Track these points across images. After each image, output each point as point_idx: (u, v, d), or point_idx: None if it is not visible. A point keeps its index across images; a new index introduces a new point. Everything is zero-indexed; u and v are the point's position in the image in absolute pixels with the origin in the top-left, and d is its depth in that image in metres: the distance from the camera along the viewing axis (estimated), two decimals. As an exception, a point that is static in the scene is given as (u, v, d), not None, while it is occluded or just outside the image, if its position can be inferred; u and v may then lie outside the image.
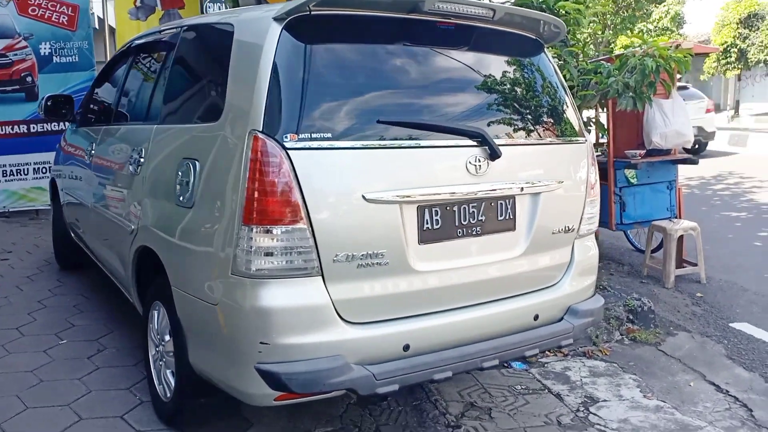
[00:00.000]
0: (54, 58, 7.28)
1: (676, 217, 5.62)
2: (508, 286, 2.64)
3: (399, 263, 2.31)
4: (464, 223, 2.47)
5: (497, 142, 2.47)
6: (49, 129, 7.28)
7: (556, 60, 4.55)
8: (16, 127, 7.35)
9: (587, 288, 2.94)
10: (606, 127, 5.04)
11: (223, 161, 2.27)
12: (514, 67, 2.75)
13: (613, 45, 16.00)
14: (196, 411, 2.74)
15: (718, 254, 6.26)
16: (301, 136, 2.14)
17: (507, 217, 2.60)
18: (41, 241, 6.44)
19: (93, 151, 3.87)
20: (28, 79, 7.27)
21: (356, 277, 2.24)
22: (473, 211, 2.49)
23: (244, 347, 2.18)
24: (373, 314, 2.31)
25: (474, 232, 2.50)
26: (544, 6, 4.45)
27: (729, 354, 4.13)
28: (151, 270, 2.86)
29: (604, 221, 5.60)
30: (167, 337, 2.74)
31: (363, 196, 2.20)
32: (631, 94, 4.19)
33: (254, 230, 2.10)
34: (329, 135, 2.17)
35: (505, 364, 3.70)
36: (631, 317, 4.43)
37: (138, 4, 7.25)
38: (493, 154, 2.45)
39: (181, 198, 2.52)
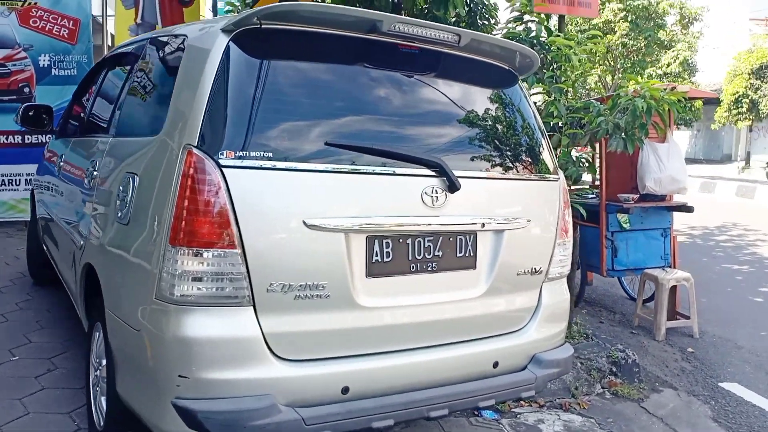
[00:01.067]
0: (53, 70, 7.26)
1: (669, 266, 5.41)
2: (465, 329, 2.46)
3: (342, 297, 2.14)
4: (418, 257, 2.30)
5: (459, 174, 2.32)
6: (44, 140, 7.21)
7: (545, 96, 4.42)
8: (10, 137, 7.30)
9: (555, 335, 2.74)
10: (597, 167, 4.88)
11: (157, 177, 2.12)
12: (483, 97, 2.61)
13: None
14: None
15: (714, 307, 6.01)
16: (239, 154, 1.99)
17: (467, 254, 2.42)
18: (22, 253, 6.30)
19: (61, 163, 3.76)
20: (26, 89, 7.24)
21: (292, 310, 2.07)
22: (429, 246, 2.32)
23: (163, 379, 2.01)
24: (311, 351, 2.13)
25: (429, 268, 2.33)
26: (534, 41, 4.34)
27: (715, 416, 3.89)
28: (95, 289, 2.70)
29: (596, 266, 5.41)
30: (104, 362, 2.57)
31: (304, 222, 2.04)
32: (621, 135, 4.03)
33: (180, 252, 1.95)
34: (270, 155, 2.02)
35: (475, 412, 3.48)
36: (614, 369, 4.19)
37: (138, 21, 7.24)
38: (452, 186, 2.29)
39: (119, 214, 2.37)
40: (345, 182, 2.13)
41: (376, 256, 2.21)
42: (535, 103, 4.95)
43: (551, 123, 4.31)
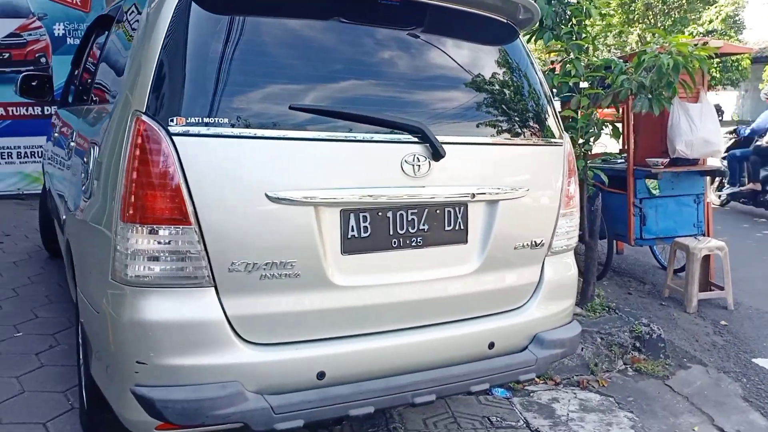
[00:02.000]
0: (68, 39, 7.18)
1: (703, 234, 5.08)
2: (456, 308, 2.26)
3: (314, 276, 1.96)
4: (401, 232, 2.10)
5: (445, 139, 2.10)
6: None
7: (563, 53, 4.11)
8: (30, 108, 7.29)
9: (560, 313, 2.53)
10: (621, 131, 4.56)
11: (113, 148, 1.96)
12: (475, 54, 2.36)
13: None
14: (113, 426, 2.46)
15: (751, 278, 5.66)
16: (191, 120, 1.80)
17: (457, 228, 2.21)
18: (42, 225, 6.34)
19: (54, 134, 3.67)
20: (42, 60, 7.19)
21: (259, 290, 1.90)
22: (413, 219, 2.12)
23: (122, 365, 1.87)
24: (282, 334, 1.97)
25: (414, 243, 2.13)
26: (551, -7, 4.02)
27: (746, 395, 3.63)
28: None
29: (623, 235, 5.12)
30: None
31: (266, 195, 1.86)
32: (647, 95, 3.71)
33: (132, 229, 1.79)
34: (226, 120, 1.83)
35: (487, 391, 3.30)
36: (638, 345, 3.95)
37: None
38: (436, 154, 2.08)
39: (83, 187, 2.24)
40: (312, 151, 1.93)
41: (352, 231, 2.02)
42: (551, 62, 4.64)
43: (569, 83, 4.01)
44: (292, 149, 1.90)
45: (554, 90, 4.10)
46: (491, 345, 2.29)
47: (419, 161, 2.06)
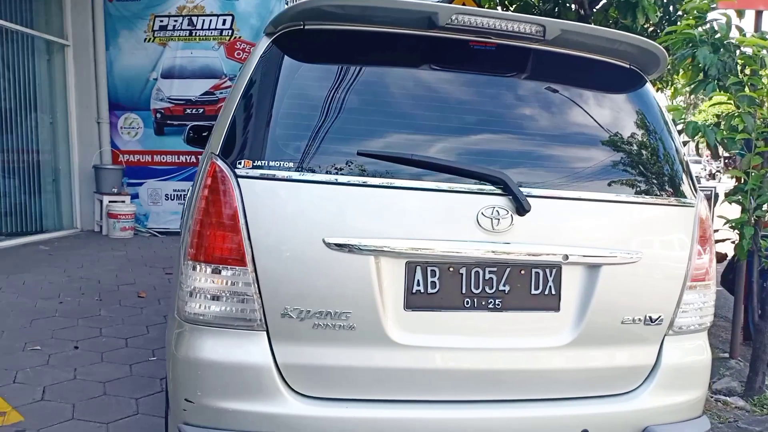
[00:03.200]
0: (251, 97, 7.91)
1: None
2: (541, 385, 1.97)
3: (370, 330, 1.83)
4: (475, 291, 1.90)
5: (534, 192, 1.88)
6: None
7: (732, 107, 3.60)
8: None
9: (682, 405, 2.10)
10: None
11: (194, 188, 2.03)
12: (584, 100, 2.10)
13: None
14: None
15: None
16: (257, 163, 1.80)
17: (547, 293, 1.95)
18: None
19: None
20: (230, 115, 7.98)
21: (311, 340, 1.81)
22: (491, 278, 1.91)
23: (174, 402, 1.88)
24: (332, 389, 1.85)
25: (491, 305, 1.91)
26: (718, 42, 3.56)
27: None
28: None
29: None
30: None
31: (324, 241, 1.78)
32: None
33: (192, 267, 1.81)
34: (291, 165, 1.80)
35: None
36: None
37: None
38: (520, 208, 1.86)
39: (182, 224, 2.35)
40: (377, 199, 1.83)
41: (418, 285, 1.86)
42: (716, 115, 4.09)
43: (735, 139, 3.49)
44: (355, 196, 1.82)
45: (718, 146, 3.60)
46: (583, 433, 1.95)
47: (499, 215, 1.86)
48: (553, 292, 1.96)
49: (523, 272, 1.93)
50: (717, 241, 3.82)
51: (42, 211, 7.88)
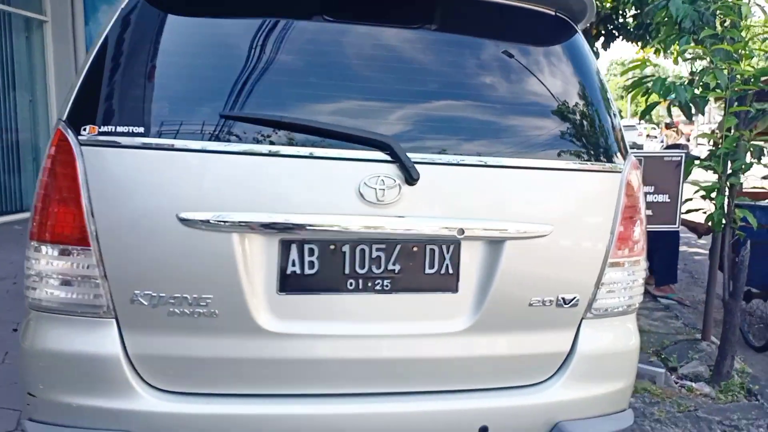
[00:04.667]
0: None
1: None
2: (436, 376, 1.76)
3: (235, 317, 1.62)
4: (361, 271, 1.68)
5: (430, 158, 1.66)
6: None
7: (707, 62, 3.31)
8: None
9: (603, 399, 1.88)
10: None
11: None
12: (498, 51, 1.85)
13: None
14: None
15: None
16: (104, 129, 1.58)
17: (444, 272, 1.73)
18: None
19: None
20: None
21: (167, 328, 1.61)
22: (378, 256, 1.69)
23: (23, 395, 1.70)
24: (194, 383, 1.66)
25: (379, 287, 1.69)
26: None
27: None
28: None
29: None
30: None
31: (177, 217, 1.57)
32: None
33: (33, 247, 1.62)
34: (142, 130, 1.58)
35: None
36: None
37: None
38: (409, 177, 1.63)
39: None
40: (242, 166, 1.60)
41: (293, 265, 1.64)
42: (691, 73, 3.78)
43: (707, 98, 3.21)
44: (216, 165, 1.59)
45: (691, 107, 3.32)
46: (483, 430, 1.74)
47: (384, 184, 1.63)
48: (451, 272, 1.73)
49: (416, 249, 1.71)
50: (689, 211, 3.56)
51: (22, 190, 7.77)
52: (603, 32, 6.77)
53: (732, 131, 3.30)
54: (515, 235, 1.73)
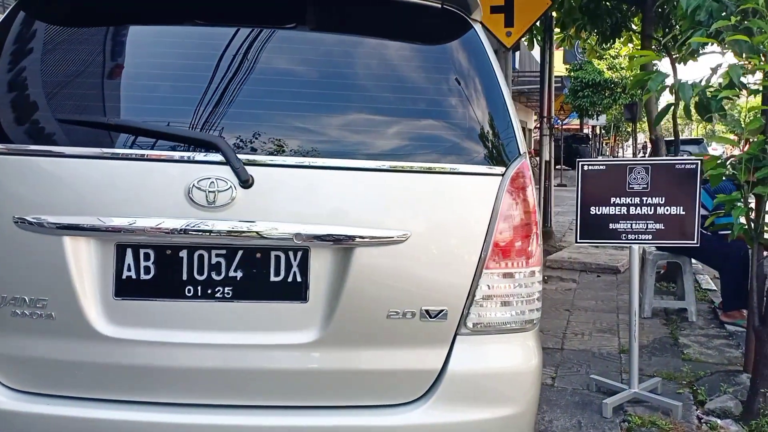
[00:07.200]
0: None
1: None
2: (280, 390, 1.65)
3: (71, 320, 1.62)
4: (200, 278, 1.62)
5: (271, 160, 1.59)
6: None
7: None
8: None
9: (483, 426, 1.67)
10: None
11: None
12: (368, 44, 1.76)
13: None
14: None
15: None
16: None
17: (291, 280, 1.63)
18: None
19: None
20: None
21: (13, 328, 1.64)
22: (218, 262, 1.62)
23: None
24: (43, 384, 1.67)
25: (219, 295, 1.62)
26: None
27: None
28: None
29: None
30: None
31: (14, 219, 1.60)
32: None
33: None
34: None
35: None
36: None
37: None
38: (242, 179, 1.56)
39: None
40: (73, 169, 1.60)
41: (129, 270, 1.62)
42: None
43: (718, 98, 2.82)
44: (50, 168, 1.61)
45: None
46: (329, 452, 1.61)
47: (217, 187, 1.58)
48: (299, 280, 1.63)
49: (259, 255, 1.62)
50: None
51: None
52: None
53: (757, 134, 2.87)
54: (365, 241, 1.60)
